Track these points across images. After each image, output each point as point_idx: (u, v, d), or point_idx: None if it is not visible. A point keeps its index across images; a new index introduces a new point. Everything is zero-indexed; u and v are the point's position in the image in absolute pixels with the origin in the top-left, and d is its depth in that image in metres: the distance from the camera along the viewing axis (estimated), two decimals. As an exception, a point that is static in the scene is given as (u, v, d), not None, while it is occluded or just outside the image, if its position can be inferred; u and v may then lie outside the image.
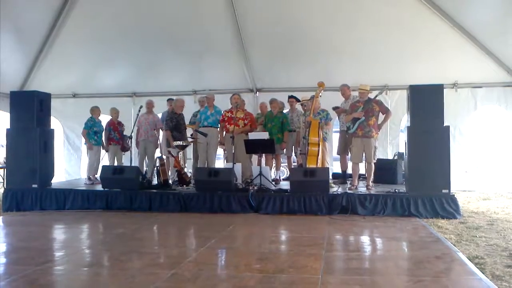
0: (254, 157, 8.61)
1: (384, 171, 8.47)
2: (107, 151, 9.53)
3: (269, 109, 8.96)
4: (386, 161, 9.14)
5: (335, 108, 8.81)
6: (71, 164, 11.44)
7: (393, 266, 4.33)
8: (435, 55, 9.11)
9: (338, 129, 8.85)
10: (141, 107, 9.23)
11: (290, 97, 8.97)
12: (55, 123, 11.16)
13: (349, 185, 7.88)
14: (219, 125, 8.79)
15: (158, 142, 9.58)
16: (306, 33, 9.37)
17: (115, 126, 9.55)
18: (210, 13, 9.32)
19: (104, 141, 9.53)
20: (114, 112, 9.64)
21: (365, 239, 5.79)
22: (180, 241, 6.06)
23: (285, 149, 9.01)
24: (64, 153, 11.58)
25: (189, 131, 9.46)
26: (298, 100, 8.79)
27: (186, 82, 10.88)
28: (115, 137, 9.48)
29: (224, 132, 8.66)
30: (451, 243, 5.06)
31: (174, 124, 8.73)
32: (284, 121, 8.72)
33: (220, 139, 8.77)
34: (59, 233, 6.55)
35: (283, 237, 6.15)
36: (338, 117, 8.76)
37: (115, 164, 9.42)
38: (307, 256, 4.62)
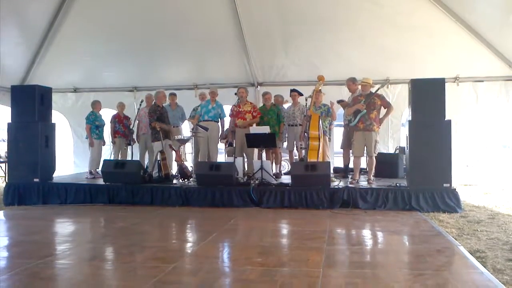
0: (254, 151, 8.61)
1: (386, 165, 8.45)
2: (114, 143, 9.55)
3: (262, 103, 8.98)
4: (388, 155, 9.13)
5: (339, 101, 8.81)
6: (82, 157, 11.28)
7: (394, 259, 4.34)
8: (436, 49, 9.05)
9: (342, 123, 8.82)
10: (142, 101, 9.24)
11: (293, 90, 8.91)
12: (59, 118, 11.23)
13: (350, 179, 7.88)
14: (219, 120, 8.79)
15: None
16: (307, 27, 9.31)
17: (121, 119, 9.57)
18: (211, 7, 9.27)
19: (110, 134, 9.58)
20: (120, 106, 9.69)
21: (366, 233, 5.80)
22: (181, 235, 6.09)
23: (286, 143, 9.03)
24: (73, 146, 11.69)
25: (189, 126, 9.44)
26: (300, 94, 8.75)
27: (187, 76, 10.85)
28: (120, 129, 9.50)
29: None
30: (452, 237, 5.07)
31: (158, 116, 8.53)
32: (279, 113, 8.75)
33: (227, 135, 8.75)
34: (61, 227, 6.56)
35: (285, 231, 6.17)
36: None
37: (120, 157, 9.44)
38: (309, 250, 4.63)
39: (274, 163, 8.99)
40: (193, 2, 9.18)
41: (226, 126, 9.21)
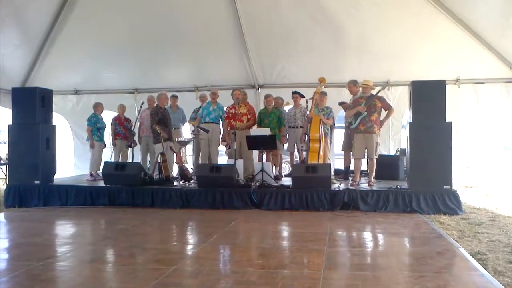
0: (255, 153, 8.60)
1: (386, 167, 8.45)
2: (114, 145, 9.56)
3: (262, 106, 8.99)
4: (388, 157, 9.12)
5: (341, 103, 8.81)
6: (83, 159, 11.27)
7: (395, 261, 4.33)
8: (437, 50, 9.07)
9: (343, 125, 8.80)
10: (142, 103, 9.25)
11: (294, 92, 8.91)
12: (60, 120, 11.24)
13: (351, 181, 7.88)
14: (221, 121, 8.80)
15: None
16: (307, 29, 9.35)
17: (121, 121, 9.58)
18: (212, 9, 9.29)
19: (111, 136, 9.59)
20: (121, 108, 9.70)
21: (367, 235, 5.80)
22: (182, 237, 6.09)
23: (287, 145, 9.04)
24: (74, 148, 11.70)
25: (189, 128, 9.44)
26: (302, 96, 8.74)
27: (187, 78, 10.86)
28: (121, 132, 9.51)
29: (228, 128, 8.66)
30: (453, 239, 5.06)
31: (159, 118, 8.56)
32: (280, 116, 8.73)
33: (224, 137, 8.76)
34: (61, 229, 6.56)
35: (285, 233, 6.17)
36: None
37: (120, 159, 9.44)
38: (309, 252, 4.63)
39: (273, 165, 8.98)
40: (194, 3, 9.20)
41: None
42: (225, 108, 8.93)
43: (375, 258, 4.58)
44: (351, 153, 8.08)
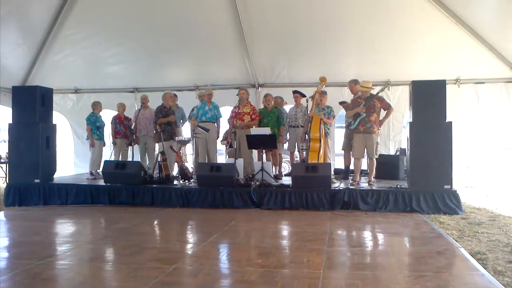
0: (255, 153, 8.61)
1: (386, 166, 8.45)
2: (115, 144, 9.56)
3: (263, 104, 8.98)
4: (388, 156, 9.13)
5: (341, 103, 8.81)
6: (83, 158, 11.28)
7: (395, 261, 4.33)
8: (437, 50, 9.06)
9: (344, 125, 8.80)
10: (142, 103, 9.27)
11: (295, 92, 8.90)
12: (60, 119, 11.23)
13: (351, 181, 7.88)
14: (217, 121, 8.83)
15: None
16: (308, 28, 9.32)
17: (121, 120, 9.57)
18: (213, 8, 9.27)
19: (111, 134, 9.58)
20: (121, 106, 9.68)
21: (367, 234, 5.80)
22: (182, 236, 6.08)
23: (287, 144, 9.04)
24: (74, 147, 11.69)
25: (190, 127, 9.44)
26: (303, 95, 8.73)
27: (188, 78, 10.84)
28: (121, 130, 9.51)
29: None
30: (453, 239, 5.06)
31: (163, 116, 8.61)
32: (279, 115, 8.73)
33: (227, 137, 8.76)
34: (61, 228, 6.57)
35: (285, 232, 6.17)
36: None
37: (121, 158, 9.45)
38: (309, 251, 4.63)
39: (273, 164, 8.97)
40: (194, 3, 9.18)
41: (222, 126, 9.25)
42: (225, 107, 8.92)
43: (375, 258, 4.58)
44: (351, 152, 8.08)
